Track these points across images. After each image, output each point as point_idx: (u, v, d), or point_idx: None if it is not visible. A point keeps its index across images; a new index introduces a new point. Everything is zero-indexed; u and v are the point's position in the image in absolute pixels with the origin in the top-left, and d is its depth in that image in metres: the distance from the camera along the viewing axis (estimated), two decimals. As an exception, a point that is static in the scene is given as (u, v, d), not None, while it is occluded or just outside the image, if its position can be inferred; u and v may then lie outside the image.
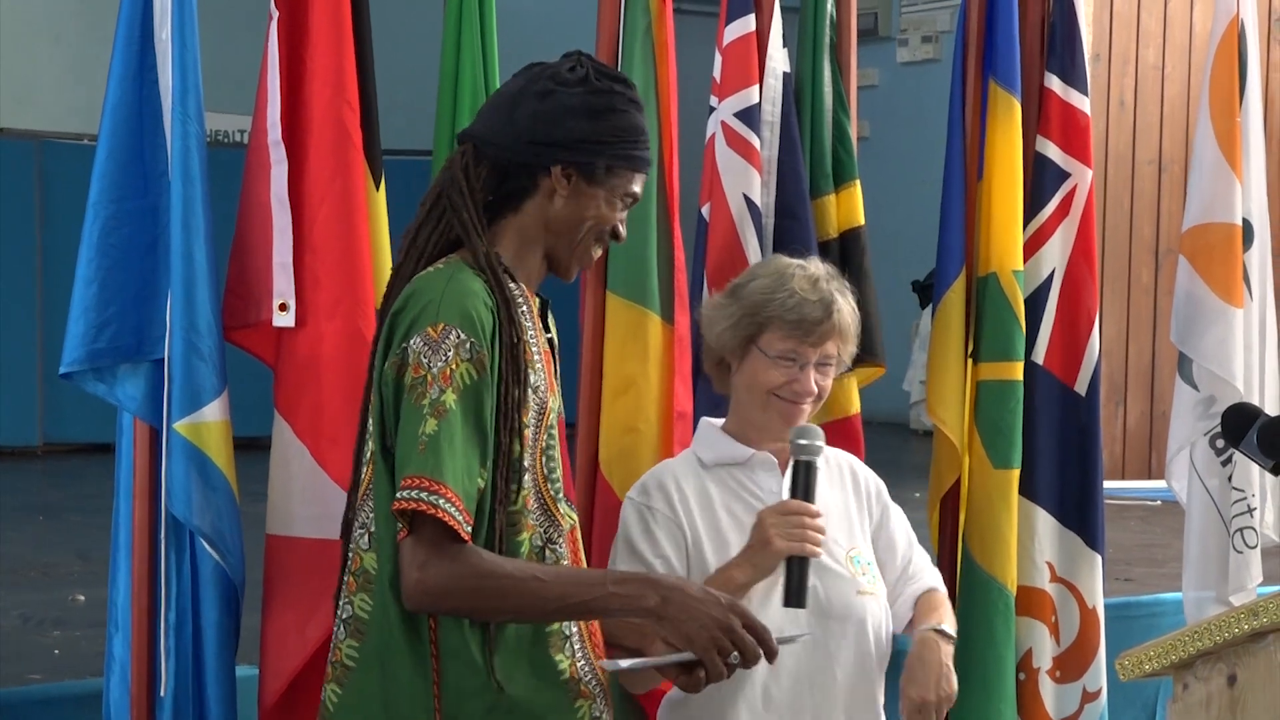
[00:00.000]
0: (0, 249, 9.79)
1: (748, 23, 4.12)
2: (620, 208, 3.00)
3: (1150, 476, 9.52)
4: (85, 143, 9.02)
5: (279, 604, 3.65)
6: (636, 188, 3.01)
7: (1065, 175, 4.44)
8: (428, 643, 2.86)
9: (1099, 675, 4.45)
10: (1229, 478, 4.70)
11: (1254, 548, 4.72)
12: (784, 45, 4.20)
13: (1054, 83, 4.44)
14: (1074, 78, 4.45)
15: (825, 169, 4.23)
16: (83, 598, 5.87)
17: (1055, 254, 4.43)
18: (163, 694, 3.56)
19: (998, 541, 4.31)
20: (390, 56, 4.89)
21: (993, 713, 4.31)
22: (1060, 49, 4.45)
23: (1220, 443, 4.66)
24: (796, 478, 3.26)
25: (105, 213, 3.54)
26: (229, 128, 10.59)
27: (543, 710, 2.90)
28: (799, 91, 4.22)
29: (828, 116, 4.24)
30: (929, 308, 7.02)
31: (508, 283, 2.91)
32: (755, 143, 4.08)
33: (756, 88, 4.10)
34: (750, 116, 4.08)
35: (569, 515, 2.99)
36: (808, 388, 3.34)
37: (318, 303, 3.65)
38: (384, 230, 3.75)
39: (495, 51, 3.87)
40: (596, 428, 3.93)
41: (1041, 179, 4.44)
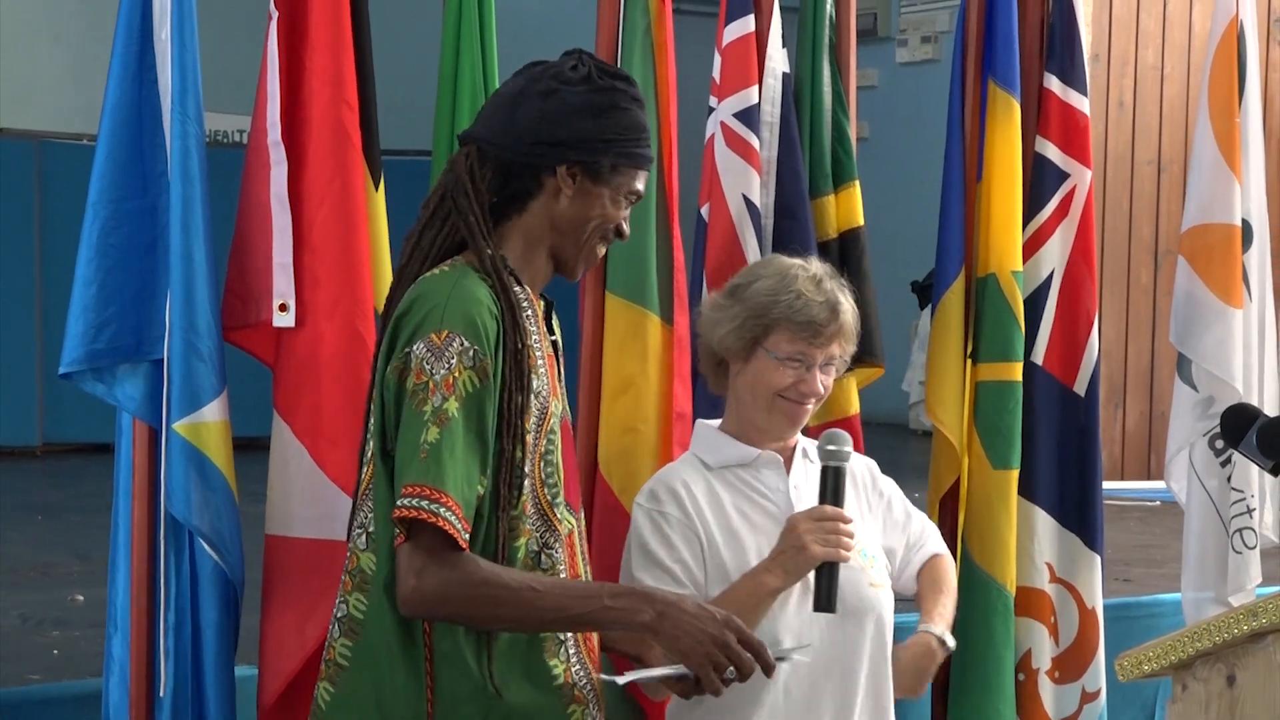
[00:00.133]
0: (0, 249, 9.78)
1: (747, 23, 4.12)
2: (624, 205, 3.00)
3: (1149, 477, 9.52)
4: (85, 143, 9.01)
5: (278, 604, 3.65)
6: (639, 185, 3.02)
7: (1064, 176, 4.44)
8: (422, 646, 2.86)
9: (1098, 676, 4.45)
10: (1228, 478, 4.71)
11: (1253, 548, 4.72)
12: (783, 45, 4.20)
13: (1053, 83, 4.44)
14: (1073, 78, 4.45)
15: (824, 169, 4.23)
16: (82, 598, 5.87)
17: (1054, 255, 4.43)
18: (162, 694, 3.56)
19: (997, 542, 4.31)
20: (389, 57, 4.88)
21: (992, 713, 4.31)
22: (1059, 49, 4.45)
23: (1219, 443, 4.66)
24: (825, 483, 3.26)
25: (105, 213, 3.54)
26: (228, 128, 10.59)
27: (536, 716, 2.90)
28: (798, 92, 4.22)
29: (827, 117, 4.24)
30: (928, 308, 7.03)
31: (513, 286, 2.90)
32: (754, 143, 4.08)
33: (756, 88, 4.10)
34: (749, 117, 4.08)
35: (567, 520, 2.98)
36: (814, 389, 3.34)
37: (317, 303, 3.65)
38: (383, 230, 3.76)
39: (495, 51, 3.87)
40: (596, 428, 3.93)
41: (1041, 179, 4.43)
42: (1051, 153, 4.43)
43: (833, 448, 3.24)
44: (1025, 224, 4.39)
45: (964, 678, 4.33)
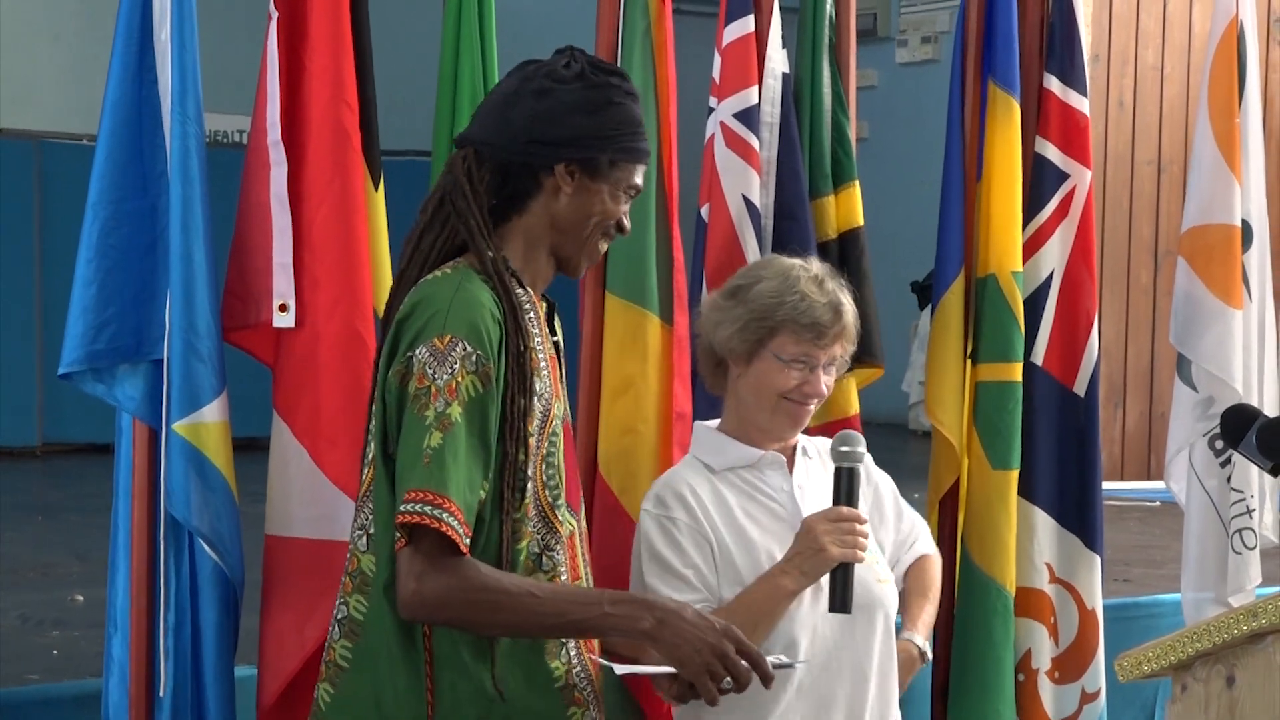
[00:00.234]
0: (0, 249, 9.79)
1: (747, 23, 4.12)
2: (624, 200, 3.00)
3: (1149, 477, 9.52)
4: (84, 143, 9.01)
5: (277, 604, 3.65)
6: (638, 179, 3.02)
7: (1064, 176, 4.44)
8: (422, 649, 2.86)
9: (1098, 676, 4.45)
10: (1228, 479, 4.71)
11: (1253, 549, 4.72)
12: (783, 46, 4.20)
13: (1053, 83, 4.44)
14: (1073, 78, 4.45)
15: (824, 170, 4.23)
16: (81, 598, 5.87)
17: (1054, 255, 4.43)
18: (161, 694, 3.56)
19: (996, 542, 4.31)
20: (389, 57, 4.88)
21: (991, 714, 4.30)
22: (1059, 50, 4.45)
23: (1219, 444, 4.67)
24: (839, 484, 3.26)
25: (104, 213, 3.54)
26: (228, 128, 10.60)
27: (537, 717, 2.90)
28: (798, 92, 4.22)
29: (827, 117, 4.24)
30: (928, 308, 7.03)
31: (515, 289, 2.90)
32: (754, 143, 4.07)
33: (755, 88, 4.10)
34: (749, 117, 4.08)
35: (568, 521, 2.97)
36: (818, 389, 3.34)
37: (316, 303, 3.65)
38: (383, 231, 3.75)
39: (494, 52, 3.87)
40: (595, 428, 3.93)
41: (1040, 180, 4.43)
42: (1051, 153, 4.43)
43: (845, 448, 3.24)
44: (1025, 224, 4.39)
45: (964, 678, 4.33)
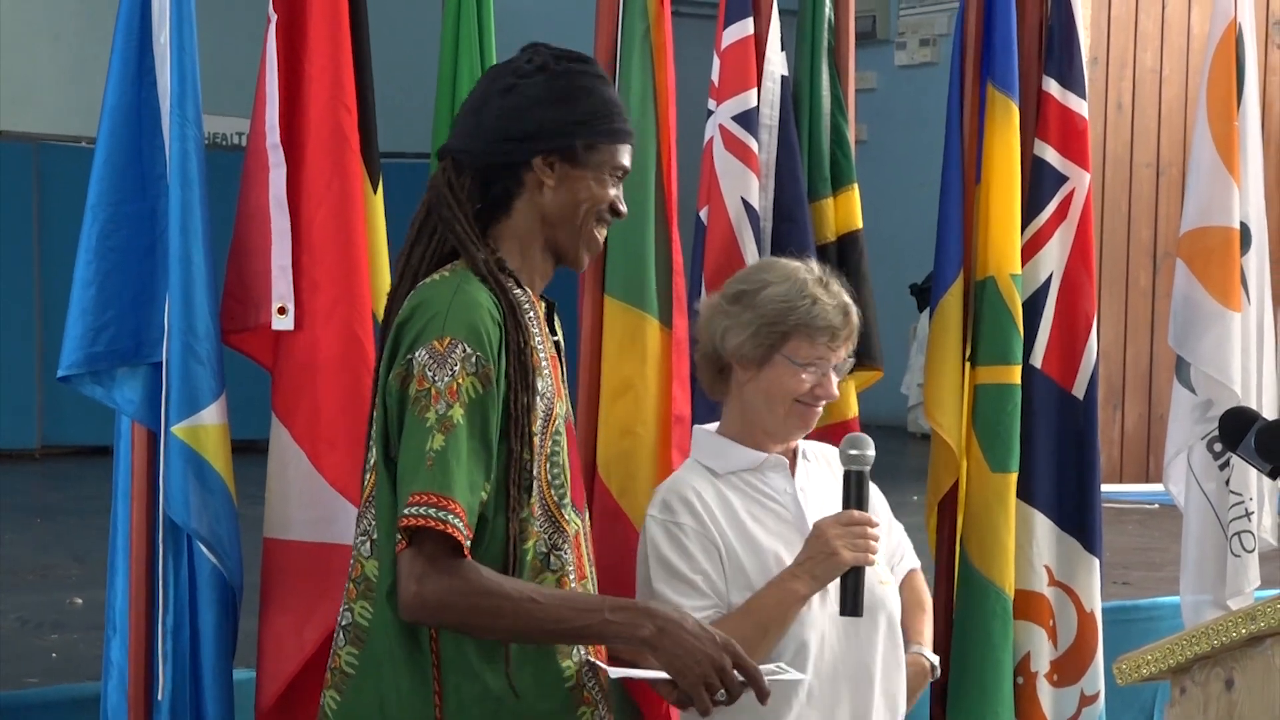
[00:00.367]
0: (-2, 251, 9.80)
1: (746, 26, 4.12)
2: (612, 183, 2.98)
3: (1148, 480, 9.52)
4: (83, 145, 9.00)
5: (276, 607, 3.65)
6: (623, 159, 2.99)
7: (1063, 179, 4.44)
8: (428, 652, 2.85)
9: (1097, 679, 4.45)
10: (1226, 481, 4.71)
11: (1251, 551, 4.72)
12: (782, 48, 4.20)
13: (1052, 86, 4.44)
14: (1072, 81, 4.45)
15: (823, 172, 4.23)
16: (80, 601, 5.86)
17: (1053, 257, 4.43)
18: (160, 697, 3.56)
19: (995, 545, 4.31)
20: (388, 59, 4.88)
21: (990, 716, 4.30)
22: (1058, 52, 4.45)
23: (1218, 446, 4.67)
24: (849, 488, 3.26)
25: (103, 215, 3.53)
26: (227, 130, 10.60)
27: (547, 716, 2.90)
28: (797, 95, 4.22)
29: (826, 120, 4.24)
30: (927, 311, 7.02)
31: (513, 289, 2.90)
32: (753, 146, 4.08)
33: (754, 91, 4.10)
34: (748, 120, 4.08)
35: (574, 521, 2.97)
36: (831, 392, 3.36)
37: (315, 306, 3.65)
38: (382, 233, 3.75)
39: (493, 55, 3.87)
40: (594, 431, 3.93)
41: (1039, 182, 4.43)
42: (1050, 155, 4.43)
43: (855, 452, 3.24)
44: (1024, 227, 4.39)
45: (962, 681, 4.33)
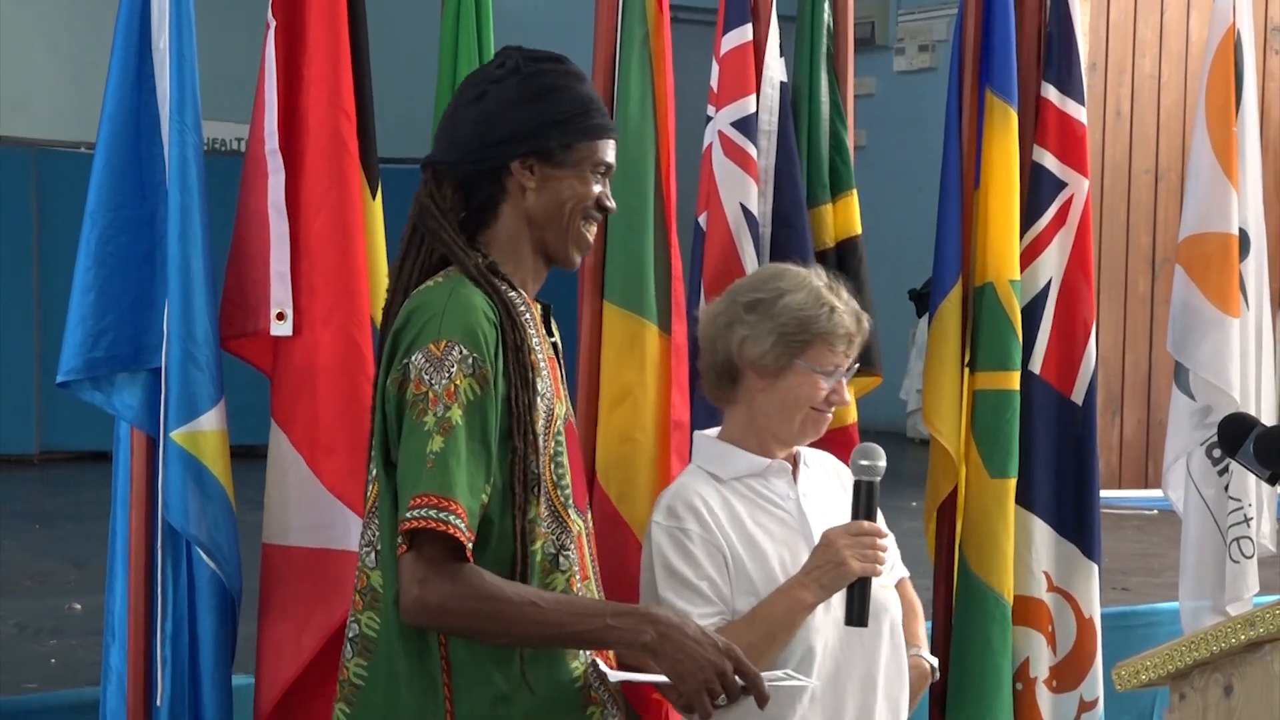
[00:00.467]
0: (-3, 256, 9.80)
1: (745, 32, 4.12)
2: (596, 180, 2.97)
3: (1147, 486, 9.52)
4: (82, 150, 9.02)
5: (275, 613, 3.65)
6: (604, 155, 2.98)
7: (1062, 185, 4.44)
8: (438, 658, 2.84)
9: (1096, 685, 4.45)
10: (1225, 487, 4.71)
11: (1250, 557, 4.73)
12: (781, 54, 4.20)
13: (1050, 92, 4.44)
14: (1070, 87, 4.45)
15: (822, 178, 4.23)
16: (79, 606, 5.86)
17: (1052, 263, 4.43)
18: (159, 703, 3.56)
19: (994, 551, 4.31)
20: (387, 65, 4.89)
21: (989, 722, 4.31)
22: (1057, 58, 4.45)
23: (1217, 452, 4.67)
24: (859, 498, 3.25)
25: (103, 221, 3.53)
26: (226, 135, 10.60)
27: (557, 717, 2.89)
28: (796, 101, 4.23)
29: (825, 126, 4.24)
30: (925, 317, 7.04)
31: (507, 291, 2.90)
32: (752, 152, 4.08)
33: (754, 97, 4.11)
34: (747, 126, 4.08)
35: (577, 521, 2.97)
36: (845, 398, 3.37)
37: (314, 311, 3.65)
38: (380, 239, 3.75)
39: (492, 60, 3.87)
40: (593, 437, 3.93)
41: (1038, 188, 4.44)
42: (1049, 162, 4.44)
43: (866, 462, 3.23)
44: (1023, 233, 4.40)
45: (961, 687, 4.33)
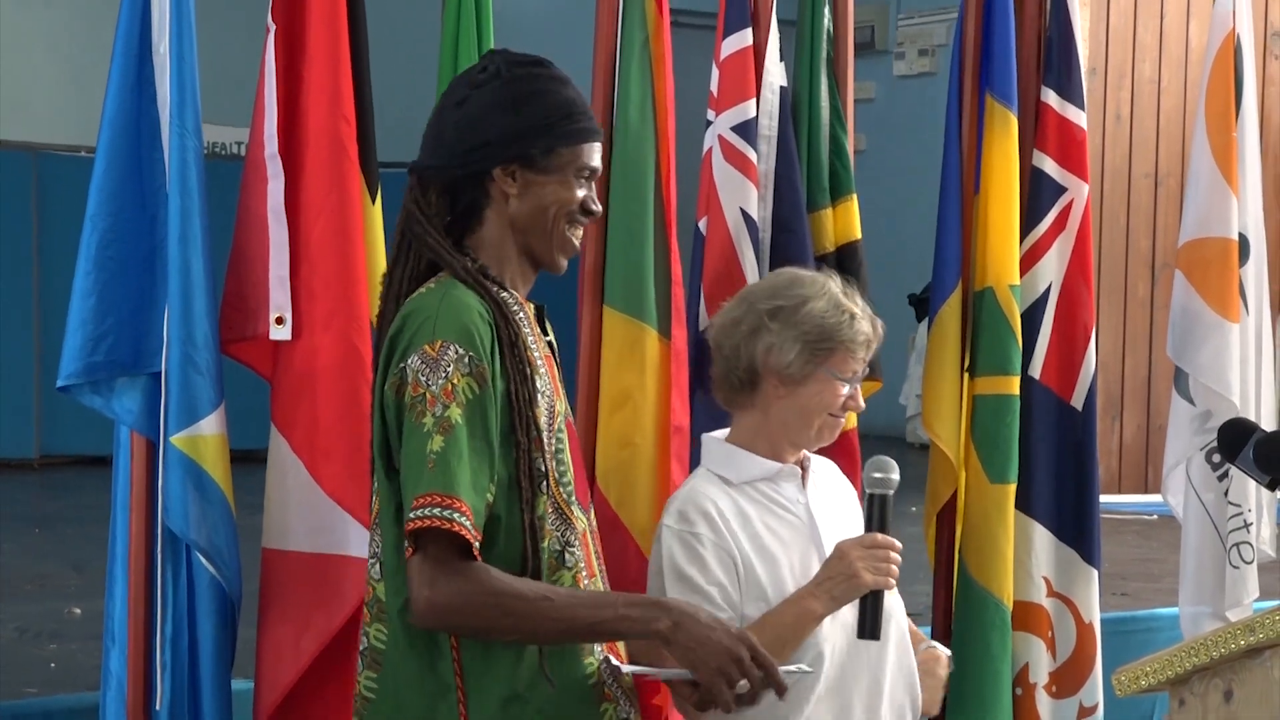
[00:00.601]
0: (-3, 261, 9.81)
1: (745, 36, 4.12)
2: (580, 185, 2.95)
3: (1147, 491, 9.52)
4: (82, 154, 9.02)
5: (274, 617, 3.65)
6: (588, 159, 2.96)
7: (1062, 189, 4.44)
8: (450, 661, 2.83)
9: (1095, 690, 4.45)
10: (1225, 493, 4.71)
11: (1250, 563, 4.72)
12: (781, 59, 4.20)
13: (1050, 97, 4.44)
14: (1070, 92, 4.45)
15: (822, 183, 4.23)
16: (79, 610, 5.86)
17: (1052, 268, 4.43)
18: (159, 707, 3.56)
19: (994, 556, 4.31)
20: (387, 70, 4.89)
21: (989, 727, 4.31)
22: (1057, 63, 4.45)
23: (1216, 458, 4.67)
24: (872, 511, 3.23)
25: (103, 225, 3.54)
26: (226, 139, 10.60)
27: (571, 714, 2.88)
28: (796, 105, 4.23)
29: (824, 130, 4.25)
30: (925, 321, 7.03)
31: (499, 292, 2.90)
32: (752, 157, 4.08)
33: (753, 101, 4.11)
34: (747, 130, 4.09)
35: (581, 518, 2.96)
36: (860, 403, 3.36)
37: (313, 316, 3.65)
38: (380, 243, 3.75)
39: (492, 65, 3.87)
40: (593, 441, 3.93)
41: (1038, 193, 4.44)
42: (1049, 166, 4.44)
43: (880, 475, 3.22)
44: (1022, 237, 4.40)
45: (961, 692, 4.32)
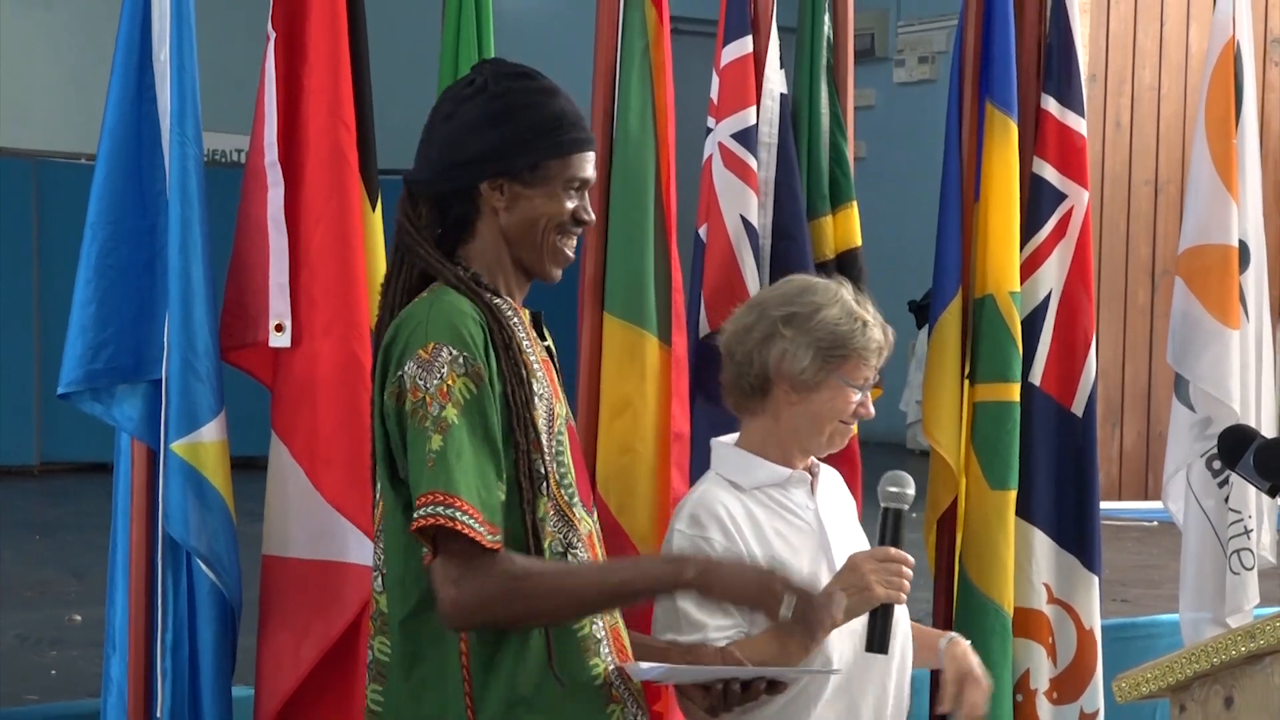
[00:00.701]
0: (-2, 268, 9.81)
1: (745, 44, 4.13)
2: (570, 197, 2.93)
3: (1147, 497, 9.52)
4: (82, 162, 9.02)
5: (274, 624, 3.65)
6: (578, 171, 2.93)
7: (1062, 196, 4.44)
8: (459, 667, 2.82)
9: (1096, 697, 4.45)
10: (1226, 499, 4.71)
11: (1251, 569, 4.72)
12: (781, 66, 4.21)
13: (1050, 104, 4.45)
14: (1070, 99, 4.45)
15: (822, 190, 4.23)
16: (79, 617, 5.86)
17: (1052, 275, 4.43)
18: (159, 714, 3.55)
19: (995, 563, 4.31)
20: (387, 76, 4.89)
21: (990, 734, 4.31)
22: (1056, 70, 4.45)
23: (1217, 464, 4.67)
24: (886, 525, 3.22)
25: (103, 233, 3.54)
26: (226, 147, 10.61)
27: (578, 716, 2.88)
28: (796, 112, 4.23)
29: (825, 137, 4.25)
30: (925, 328, 7.02)
31: (492, 298, 2.90)
32: (752, 164, 4.08)
33: (754, 109, 4.11)
34: (747, 138, 4.09)
35: (585, 520, 2.95)
36: (871, 410, 3.37)
37: (313, 323, 3.65)
38: (380, 250, 3.76)
39: (493, 73, 3.87)
40: (594, 448, 3.93)
41: (1038, 200, 4.44)
42: (1049, 173, 4.44)
43: (895, 489, 3.20)
44: (1022, 245, 4.40)
45: (962, 698, 4.33)
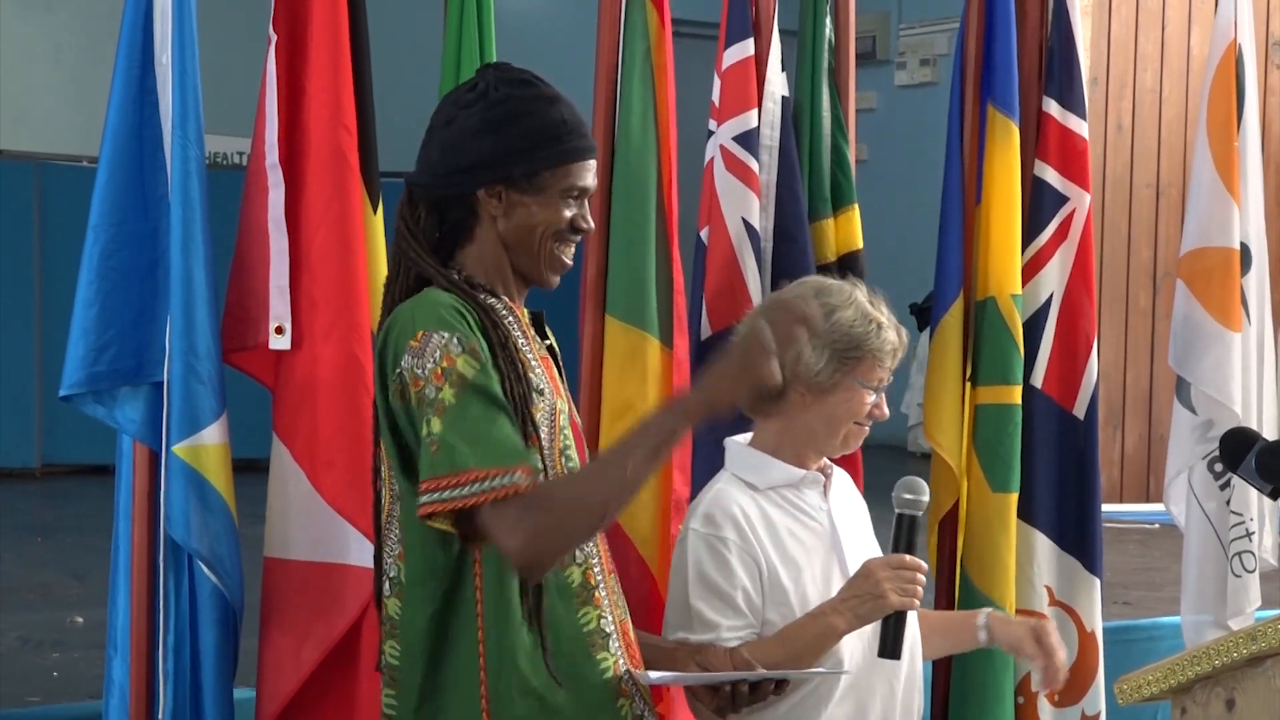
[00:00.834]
0: (0, 270, 9.80)
1: (746, 47, 4.13)
2: (568, 205, 2.93)
3: (1148, 500, 9.52)
4: (84, 164, 9.03)
5: (276, 627, 3.65)
6: (576, 179, 2.93)
7: (1063, 199, 4.44)
8: (477, 670, 2.82)
9: (1097, 699, 4.45)
10: (1227, 501, 4.71)
11: (1252, 572, 4.72)
12: (782, 69, 4.21)
13: (1052, 106, 4.44)
14: (1072, 101, 4.45)
15: (824, 192, 4.24)
16: (81, 619, 5.86)
17: (1053, 278, 4.43)
18: (161, 716, 3.56)
19: (996, 565, 4.31)
20: (389, 79, 4.89)
21: (991, 736, 4.30)
22: (1058, 73, 4.45)
23: (1218, 466, 4.67)
24: (900, 532, 3.21)
25: (105, 236, 3.54)
26: (228, 149, 10.61)
27: (588, 709, 2.88)
28: (798, 115, 4.23)
29: (826, 140, 4.25)
30: (927, 331, 7.02)
31: (486, 299, 2.90)
32: (754, 166, 4.08)
33: (755, 112, 4.11)
34: (749, 140, 4.09)
35: None
36: (885, 411, 3.36)
37: (315, 325, 3.65)
38: (381, 253, 3.76)
39: (494, 75, 3.87)
40: (595, 451, 3.93)
41: (1039, 203, 4.44)
42: (1050, 176, 4.44)
43: (909, 496, 3.19)
44: (1024, 247, 4.40)
45: (963, 701, 4.33)
